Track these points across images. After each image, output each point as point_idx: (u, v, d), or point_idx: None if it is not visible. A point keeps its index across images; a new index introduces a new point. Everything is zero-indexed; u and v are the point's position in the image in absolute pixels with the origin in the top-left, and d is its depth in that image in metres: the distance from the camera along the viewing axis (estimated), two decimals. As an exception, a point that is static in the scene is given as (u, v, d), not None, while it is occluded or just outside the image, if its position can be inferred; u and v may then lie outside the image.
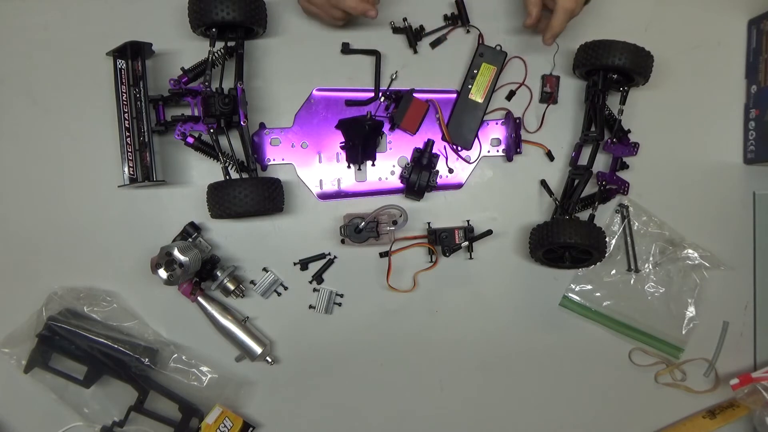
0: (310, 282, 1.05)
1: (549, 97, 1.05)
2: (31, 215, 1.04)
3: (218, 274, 1.01)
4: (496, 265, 1.06)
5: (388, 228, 1.01)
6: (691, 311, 1.06)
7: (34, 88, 1.04)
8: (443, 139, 1.05)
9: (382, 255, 1.04)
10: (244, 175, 0.98)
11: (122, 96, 0.99)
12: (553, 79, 1.05)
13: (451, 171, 1.06)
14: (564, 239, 0.95)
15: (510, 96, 1.06)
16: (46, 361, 1.00)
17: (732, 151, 1.08)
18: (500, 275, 1.06)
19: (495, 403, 1.08)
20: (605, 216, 1.07)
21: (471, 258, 1.05)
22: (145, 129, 0.99)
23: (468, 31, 1.06)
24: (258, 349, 1.01)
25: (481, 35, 1.04)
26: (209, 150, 1.00)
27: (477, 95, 1.04)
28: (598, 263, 1.02)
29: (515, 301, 1.07)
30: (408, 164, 1.03)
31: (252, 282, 1.04)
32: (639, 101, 1.06)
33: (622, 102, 1.03)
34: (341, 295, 1.05)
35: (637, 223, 1.06)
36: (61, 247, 1.04)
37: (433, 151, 1.04)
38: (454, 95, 1.05)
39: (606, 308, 1.06)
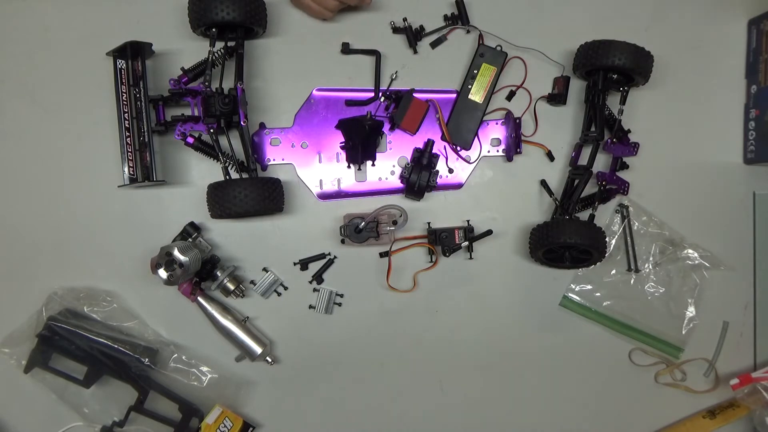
0: (310, 282, 1.05)
1: (558, 98, 1.04)
2: (31, 215, 1.03)
3: (218, 274, 1.01)
4: (496, 265, 1.06)
5: (388, 228, 1.01)
6: (691, 311, 1.06)
7: (34, 88, 1.03)
8: (443, 139, 1.05)
9: (382, 255, 1.04)
10: (244, 175, 0.98)
11: (122, 96, 0.99)
12: (561, 80, 1.04)
13: (451, 171, 1.06)
14: (564, 239, 0.95)
15: (510, 96, 1.06)
16: (46, 361, 1.00)
17: (732, 151, 1.08)
18: (500, 275, 1.06)
19: (495, 403, 1.07)
20: (605, 216, 1.06)
21: (471, 258, 1.05)
22: (145, 129, 0.99)
23: (468, 31, 1.06)
24: (258, 349, 1.01)
25: (481, 35, 1.04)
26: (209, 150, 1.00)
27: (477, 95, 1.04)
28: (598, 263, 1.02)
29: (515, 301, 1.07)
30: (408, 164, 1.03)
31: (252, 282, 1.04)
32: (639, 101, 1.06)
33: (622, 102, 1.03)
34: (341, 295, 1.05)
35: (637, 223, 1.06)
36: (61, 247, 1.04)
37: (433, 151, 1.04)
38: (454, 95, 1.05)
39: (606, 308, 1.06)
